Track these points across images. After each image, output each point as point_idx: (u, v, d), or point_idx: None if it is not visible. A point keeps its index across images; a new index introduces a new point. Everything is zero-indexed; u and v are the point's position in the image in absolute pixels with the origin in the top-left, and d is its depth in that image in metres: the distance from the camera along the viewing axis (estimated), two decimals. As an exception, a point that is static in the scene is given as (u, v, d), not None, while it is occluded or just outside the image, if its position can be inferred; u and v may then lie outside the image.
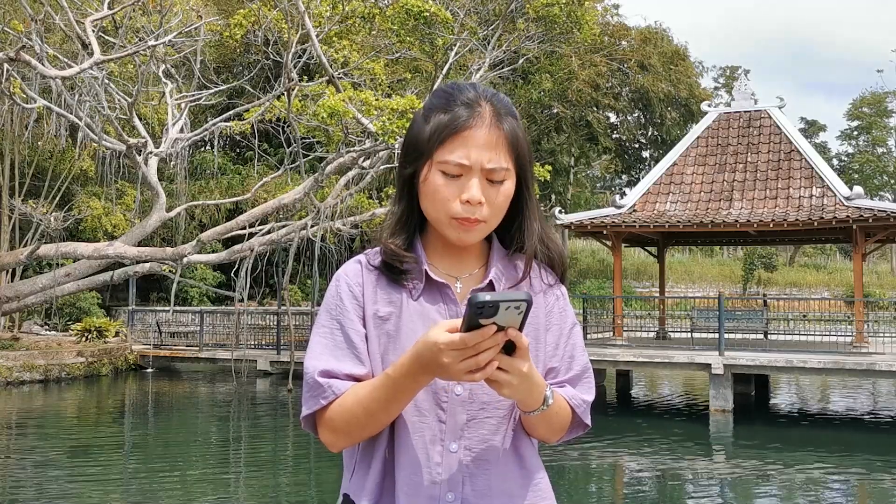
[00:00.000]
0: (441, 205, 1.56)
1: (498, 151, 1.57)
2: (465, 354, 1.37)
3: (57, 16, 17.13)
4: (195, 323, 23.50)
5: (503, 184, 1.58)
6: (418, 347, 1.42)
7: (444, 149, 1.56)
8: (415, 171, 1.60)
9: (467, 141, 1.55)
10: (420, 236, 1.65)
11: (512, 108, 1.63)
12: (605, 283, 36.55)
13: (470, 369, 1.39)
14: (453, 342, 1.37)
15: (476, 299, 1.32)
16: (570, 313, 1.71)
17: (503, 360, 1.41)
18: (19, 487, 10.07)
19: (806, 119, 66.12)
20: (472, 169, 1.55)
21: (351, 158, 17.94)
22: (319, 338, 1.61)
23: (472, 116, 1.57)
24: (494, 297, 1.33)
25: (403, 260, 1.60)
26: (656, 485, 11.01)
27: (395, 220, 1.65)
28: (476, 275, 1.65)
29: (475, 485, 1.56)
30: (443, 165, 1.56)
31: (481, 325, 1.35)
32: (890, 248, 49.42)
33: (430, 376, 1.45)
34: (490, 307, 1.33)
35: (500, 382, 1.43)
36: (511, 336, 1.38)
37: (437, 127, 1.57)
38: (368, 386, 1.52)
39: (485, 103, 1.58)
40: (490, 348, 1.38)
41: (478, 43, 20.28)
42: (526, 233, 1.65)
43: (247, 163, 31.18)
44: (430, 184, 1.57)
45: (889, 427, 15.44)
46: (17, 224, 24.57)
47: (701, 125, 21.08)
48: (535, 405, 1.53)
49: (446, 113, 1.58)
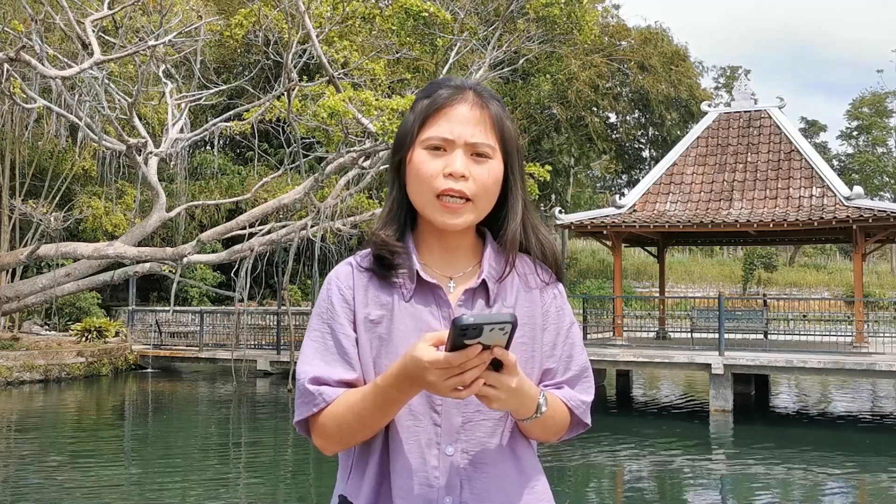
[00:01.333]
0: (424, 182, 1.54)
1: (482, 128, 1.56)
2: (450, 373, 1.36)
3: (57, 16, 17.14)
4: (195, 323, 23.49)
5: (489, 162, 1.56)
6: (405, 361, 1.41)
7: (427, 127, 1.56)
8: (402, 157, 1.60)
9: (450, 116, 1.55)
10: (412, 234, 1.63)
11: (497, 97, 1.63)
12: (605, 283, 36.55)
13: (456, 387, 1.38)
14: (437, 361, 1.35)
15: (460, 322, 1.30)
16: (567, 312, 1.68)
17: (490, 376, 1.39)
18: (19, 488, 10.07)
19: (806, 119, 66.13)
20: (454, 143, 1.54)
21: (351, 158, 17.93)
22: (311, 342, 1.60)
23: (455, 95, 1.57)
24: (478, 319, 1.31)
25: (394, 250, 1.58)
26: (656, 485, 11.01)
27: (385, 212, 1.64)
28: (469, 273, 1.63)
29: (474, 488, 1.54)
30: (426, 142, 1.55)
31: (466, 345, 1.33)
32: (890, 248, 49.41)
33: (417, 388, 1.44)
34: (473, 329, 1.31)
35: (489, 397, 1.42)
36: (497, 355, 1.36)
37: (420, 110, 1.58)
38: (359, 394, 1.51)
39: (468, 89, 1.59)
40: (476, 367, 1.36)
41: (478, 43, 20.29)
42: (508, 220, 1.62)
43: (247, 163, 31.18)
44: (415, 163, 1.56)
45: (889, 427, 15.44)
46: (17, 224, 24.57)
47: (701, 125, 21.07)
48: (528, 414, 1.52)
49: (429, 97, 1.59)
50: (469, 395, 1.40)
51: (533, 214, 1.66)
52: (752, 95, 21.04)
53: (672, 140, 35.29)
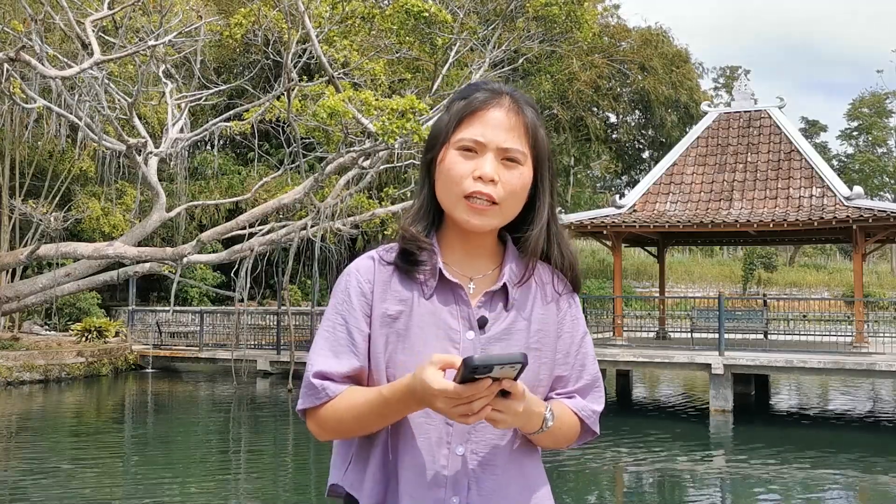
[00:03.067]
0: (454, 183, 1.55)
1: (515, 134, 1.57)
2: (458, 402, 1.38)
3: (57, 16, 17.13)
4: (195, 323, 23.49)
5: (518, 168, 1.57)
6: (414, 383, 1.42)
7: (461, 128, 1.57)
8: (433, 157, 1.61)
9: (484, 119, 1.56)
10: (436, 234, 1.64)
11: (534, 104, 1.64)
12: (605, 283, 36.53)
13: (463, 413, 1.40)
14: (447, 391, 1.37)
15: (471, 363, 1.33)
16: (581, 322, 1.70)
17: (498, 403, 1.42)
18: (19, 488, 10.07)
19: (807, 119, 66.09)
20: (486, 146, 1.55)
21: (351, 158, 17.93)
22: (323, 332, 1.61)
23: (491, 99, 1.58)
24: (488, 360, 1.34)
25: (422, 245, 1.59)
26: (656, 485, 11.01)
27: (415, 209, 1.65)
28: (490, 276, 1.64)
29: (481, 489, 1.55)
30: (458, 143, 1.56)
31: (476, 380, 1.36)
32: (890, 248, 49.40)
33: (423, 407, 1.47)
34: (485, 368, 1.34)
35: (496, 420, 1.44)
36: (505, 386, 1.39)
37: (455, 111, 1.59)
38: (362, 397, 1.52)
39: (506, 94, 1.60)
40: (484, 397, 1.39)
41: (477, 42, 20.28)
42: (532, 226, 1.63)
43: (247, 163, 31.17)
44: (446, 163, 1.57)
45: (889, 427, 15.44)
46: (17, 224, 24.56)
47: (701, 125, 21.07)
48: (534, 429, 1.55)
49: (466, 99, 1.59)
50: (476, 421, 1.42)
51: (558, 224, 1.67)
52: (752, 95, 21.04)
53: (672, 142, 35.27)
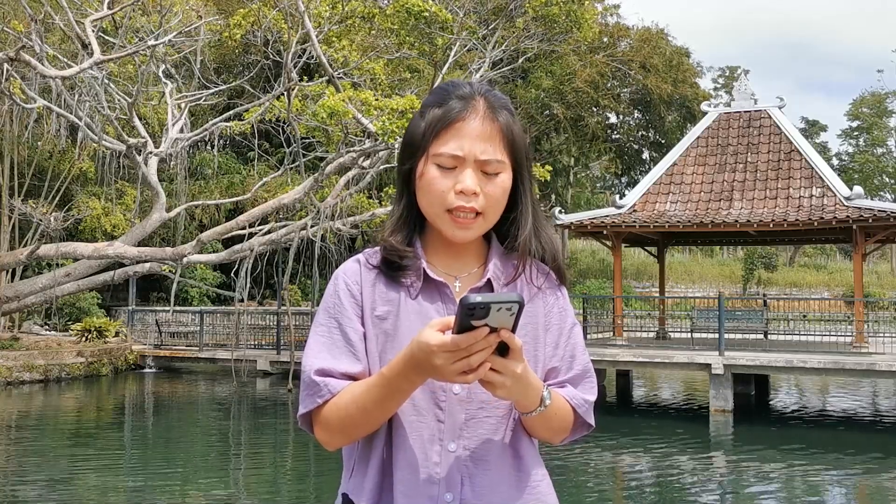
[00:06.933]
0: (436, 198, 1.56)
1: (492, 143, 1.57)
2: (457, 356, 1.37)
3: (57, 16, 17.14)
4: (195, 323, 23.49)
5: (498, 176, 1.57)
6: (412, 347, 1.42)
7: (438, 141, 1.56)
8: (412, 167, 1.60)
9: (460, 132, 1.55)
10: (419, 236, 1.65)
11: (508, 104, 1.63)
12: (605, 283, 36.54)
13: (462, 370, 1.39)
14: (445, 344, 1.36)
15: (467, 301, 1.31)
16: (570, 313, 1.70)
17: (496, 361, 1.40)
18: (19, 488, 10.07)
19: (807, 119, 66.10)
20: (465, 160, 1.55)
21: (351, 158, 17.94)
22: (318, 336, 1.61)
23: (466, 108, 1.57)
24: (485, 298, 1.32)
25: (403, 255, 1.60)
26: (656, 485, 11.00)
27: (395, 218, 1.65)
28: (475, 274, 1.64)
29: (475, 485, 1.55)
30: (437, 158, 1.56)
31: (473, 327, 1.35)
32: (890, 248, 49.41)
33: (423, 376, 1.45)
34: (481, 309, 1.32)
35: (494, 384, 1.43)
36: (504, 338, 1.38)
37: (431, 121, 1.58)
38: (364, 385, 1.52)
39: (479, 98, 1.59)
40: (482, 350, 1.37)
41: (477, 42, 20.28)
42: (519, 227, 1.64)
43: (247, 163, 31.18)
44: (426, 177, 1.57)
45: (889, 427, 15.43)
46: (17, 224, 24.56)
47: (701, 125, 21.07)
48: (532, 406, 1.53)
49: (440, 107, 1.58)
50: (475, 380, 1.41)
51: (539, 216, 1.68)
52: (752, 95, 21.02)
53: (672, 141, 35.27)
